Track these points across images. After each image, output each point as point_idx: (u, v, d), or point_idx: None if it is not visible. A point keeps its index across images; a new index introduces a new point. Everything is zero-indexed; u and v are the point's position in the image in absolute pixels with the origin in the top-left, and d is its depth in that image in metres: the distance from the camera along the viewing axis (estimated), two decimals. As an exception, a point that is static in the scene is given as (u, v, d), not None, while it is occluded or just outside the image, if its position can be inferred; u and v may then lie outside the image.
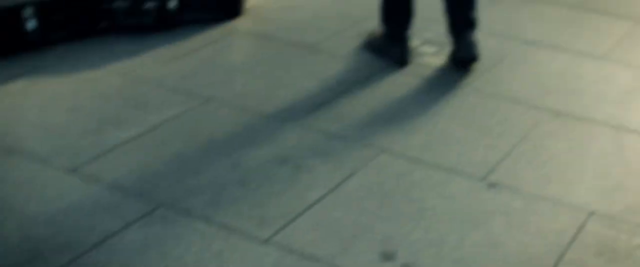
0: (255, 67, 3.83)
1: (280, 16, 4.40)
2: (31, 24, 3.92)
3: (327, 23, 4.32)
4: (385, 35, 3.89)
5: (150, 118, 3.35)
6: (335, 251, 2.61)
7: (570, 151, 3.19)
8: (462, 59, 3.75)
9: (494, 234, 2.71)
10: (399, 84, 3.68)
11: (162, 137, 3.22)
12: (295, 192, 2.89)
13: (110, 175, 2.96)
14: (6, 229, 2.68)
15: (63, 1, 4.01)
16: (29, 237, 2.62)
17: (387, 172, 3.03)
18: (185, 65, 3.81)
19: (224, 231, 2.68)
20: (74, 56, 3.88)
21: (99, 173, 2.97)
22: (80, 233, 2.65)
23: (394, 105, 3.50)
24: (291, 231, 2.70)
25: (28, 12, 3.90)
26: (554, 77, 3.79)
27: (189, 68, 3.79)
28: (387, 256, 2.59)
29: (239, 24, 4.30)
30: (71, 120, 3.33)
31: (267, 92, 3.59)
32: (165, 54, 3.92)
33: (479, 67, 3.81)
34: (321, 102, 3.50)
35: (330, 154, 3.12)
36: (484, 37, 3.92)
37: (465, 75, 3.76)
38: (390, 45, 3.87)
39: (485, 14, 3.98)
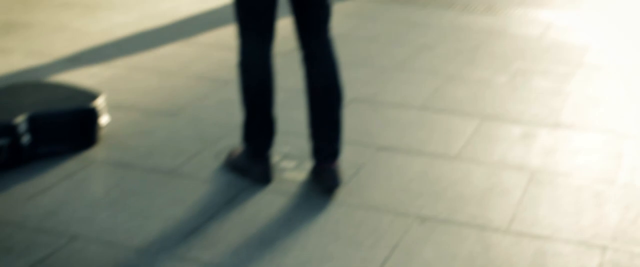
0: (117, 198, 3.78)
1: (135, 142, 4.37)
2: None
3: (184, 145, 4.32)
4: (247, 153, 3.91)
5: (17, 264, 3.25)
6: None
7: (441, 257, 3.28)
8: (326, 188, 3.79)
9: None
10: (265, 203, 3.71)
11: (32, 284, 3.14)
12: (178, 329, 2.86)
13: None
14: None
15: None
16: None
17: (266, 297, 3.04)
18: (45, 203, 3.73)
19: None
20: None
21: None
22: None
23: (263, 226, 3.52)
24: None
25: None
26: (413, 182, 3.89)
27: (50, 205, 3.71)
28: None
29: (95, 153, 4.25)
30: None
31: (134, 223, 3.55)
32: (23, 192, 3.83)
33: (340, 179, 3.88)
34: (190, 229, 3.49)
35: (208, 285, 3.11)
36: (341, 148, 3.99)
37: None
38: (252, 163, 3.89)
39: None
